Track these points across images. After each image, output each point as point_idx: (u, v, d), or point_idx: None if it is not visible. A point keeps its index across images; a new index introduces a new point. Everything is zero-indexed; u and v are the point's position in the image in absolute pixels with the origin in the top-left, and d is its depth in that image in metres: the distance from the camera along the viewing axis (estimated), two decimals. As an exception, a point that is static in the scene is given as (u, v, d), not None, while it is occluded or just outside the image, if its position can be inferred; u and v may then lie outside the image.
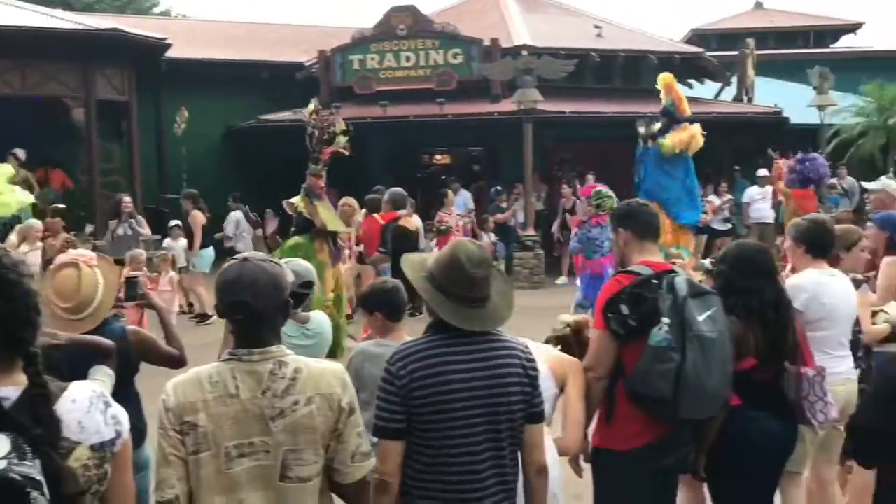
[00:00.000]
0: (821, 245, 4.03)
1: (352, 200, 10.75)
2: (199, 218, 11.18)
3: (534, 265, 13.56)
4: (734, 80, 18.95)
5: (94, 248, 8.85)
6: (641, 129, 9.52)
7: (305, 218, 6.94)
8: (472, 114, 15.31)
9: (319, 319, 3.92)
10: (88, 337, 3.11)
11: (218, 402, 2.20)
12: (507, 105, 14.59)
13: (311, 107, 7.66)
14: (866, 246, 4.64)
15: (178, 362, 3.53)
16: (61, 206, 11.48)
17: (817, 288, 3.88)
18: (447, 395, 2.54)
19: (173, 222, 11.48)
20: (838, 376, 3.71)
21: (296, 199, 7.08)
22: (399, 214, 10.12)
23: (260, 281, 2.25)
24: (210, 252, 11.16)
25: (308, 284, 3.77)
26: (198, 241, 11.05)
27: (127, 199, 11.46)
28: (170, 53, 15.70)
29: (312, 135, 7.43)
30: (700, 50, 19.70)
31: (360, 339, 5.57)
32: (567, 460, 3.49)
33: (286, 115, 16.03)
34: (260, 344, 2.26)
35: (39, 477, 1.57)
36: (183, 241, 11.18)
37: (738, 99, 18.72)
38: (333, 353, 4.44)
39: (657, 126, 9.48)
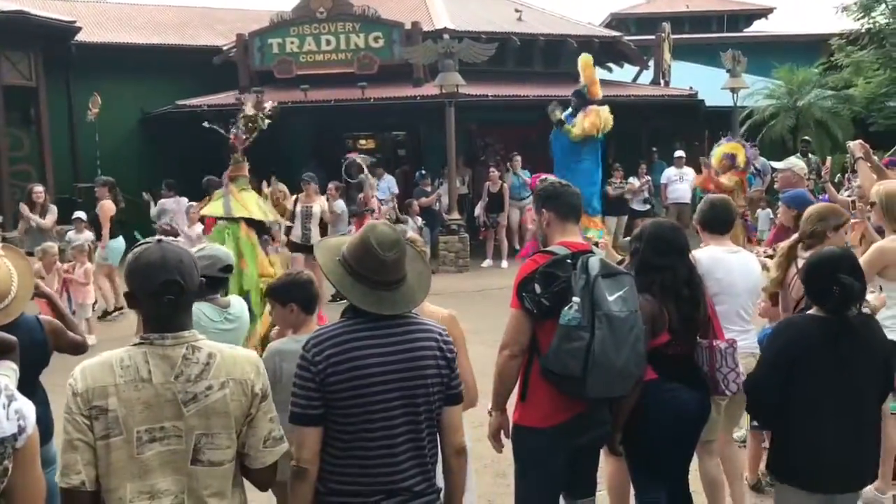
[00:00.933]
0: (717, 222, 4.22)
1: (282, 186, 10.64)
2: (107, 208, 10.61)
3: (459, 249, 13.65)
4: (651, 63, 19.36)
5: (4, 240, 8.54)
6: (554, 114, 9.70)
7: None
8: (394, 98, 15.25)
9: (239, 304, 3.88)
10: None
11: (129, 385, 2.18)
12: (430, 89, 14.59)
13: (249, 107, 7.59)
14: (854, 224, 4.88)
15: (82, 349, 3.55)
16: None
17: (711, 263, 4.02)
18: (364, 380, 2.53)
19: (76, 214, 10.88)
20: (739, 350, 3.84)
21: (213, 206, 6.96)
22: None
23: (184, 261, 2.28)
24: (120, 243, 10.49)
25: (228, 268, 3.73)
26: (106, 231, 10.49)
27: (38, 188, 11.01)
28: (80, 37, 15.20)
29: (242, 128, 7.32)
30: (618, 34, 20.03)
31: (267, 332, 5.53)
32: (486, 437, 3.54)
33: (204, 100, 15.70)
34: (175, 328, 2.26)
35: None
36: (88, 234, 10.52)
37: (655, 82, 19.12)
38: None
39: (565, 112, 9.67)
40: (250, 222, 6.88)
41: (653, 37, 19.67)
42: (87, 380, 2.18)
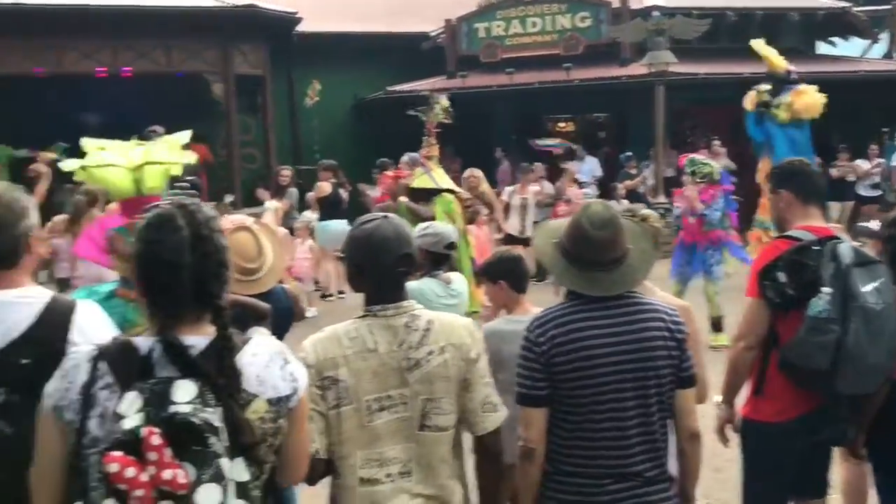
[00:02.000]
0: None
1: (477, 172, 10.68)
2: (320, 189, 10.89)
3: (665, 234, 13.21)
4: (883, 36, 17.68)
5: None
6: (762, 95, 8.98)
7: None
8: (600, 78, 14.96)
9: (460, 279, 3.98)
10: (247, 298, 3.25)
11: (357, 356, 2.27)
12: (637, 68, 14.18)
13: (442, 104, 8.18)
14: None
15: (301, 316, 3.81)
16: None
17: None
18: (588, 361, 2.50)
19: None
20: None
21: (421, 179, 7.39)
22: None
23: (412, 235, 2.42)
24: (333, 225, 10.51)
25: (452, 245, 3.82)
26: (314, 212, 10.84)
27: (285, 171, 11.68)
28: (301, 27, 16.10)
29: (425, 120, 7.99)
30: (847, 4, 18.46)
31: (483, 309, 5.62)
32: (709, 430, 3.40)
33: (413, 85, 16.22)
34: (396, 299, 2.33)
35: (219, 424, 1.62)
36: (312, 214, 10.97)
37: (888, 56, 17.46)
38: None
39: (767, 89, 8.94)
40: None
41: (888, 7, 17.94)
42: (317, 352, 2.28)
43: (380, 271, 2.34)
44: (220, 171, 15.64)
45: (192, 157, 6.07)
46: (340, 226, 10.58)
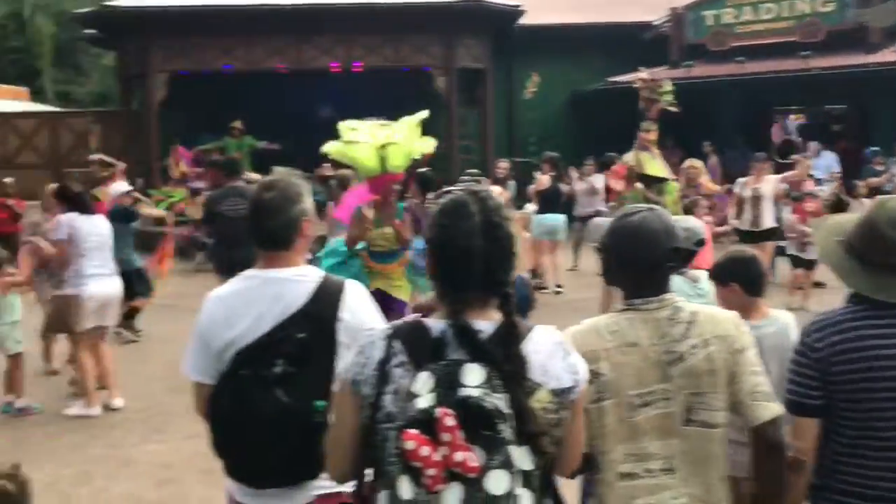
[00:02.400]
0: None
1: (697, 162, 10.17)
2: (539, 182, 10.83)
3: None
4: None
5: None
6: None
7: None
8: (842, 67, 13.83)
9: (705, 278, 3.79)
10: None
11: (618, 350, 2.21)
12: (888, 55, 12.96)
13: (641, 75, 8.06)
14: None
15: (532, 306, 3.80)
16: None
17: None
18: (872, 373, 2.29)
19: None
20: None
21: (628, 156, 7.26)
22: None
23: (678, 229, 2.33)
24: (549, 219, 10.51)
25: (701, 242, 3.65)
26: (533, 205, 10.79)
27: (503, 164, 11.91)
28: (522, 20, 16.19)
29: (640, 96, 7.83)
30: None
31: None
32: None
33: (632, 76, 15.82)
34: (658, 292, 2.25)
35: (507, 410, 1.62)
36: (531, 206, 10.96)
37: None
38: None
39: None
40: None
41: None
42: (577, 345, 2.18)
43: (647, 265, 2.26)
44: (440, 163, 16.11)
45: (432, 144, 6.35)
46: (557, 219, 10.65)
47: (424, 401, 1.60)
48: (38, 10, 32.15)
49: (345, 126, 6.10)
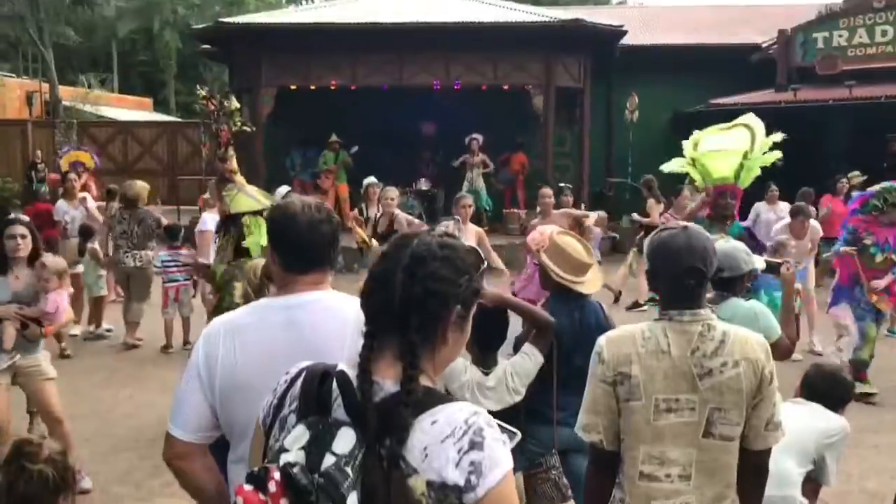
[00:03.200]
0: None
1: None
2: (652, 210, 10.81)
3: None
4: None
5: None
6: None
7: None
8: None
9: (737, 305, 3.70)
10: (529, 306, 3.34)
11: (650, 356, 2.32)
12: None
13: (200, 94, 6.89)
14: None
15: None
16: None
17: None
18: None
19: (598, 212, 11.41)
20: None
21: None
22: None
23: (708, 248, 2.38)
24: None
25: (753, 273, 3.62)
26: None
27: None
28: (623, 40, 16.09)
29: (209, 122, 6.80)
30: None
31: None
32: None
33: (737, 98, 15.47)
34: (693, 306, 2.35)
35: (346, 491, 1.36)
36: (598, 231, 10.61)
37: None
38: None
39: None
40: None
41: None
42: (611, 349, 2.37)
43: (669, 279, 2.39)
44: (535, 181, 16.18)
45: (776, 156, 6.23)
46: None
47: (291, 456, 1.40)
48: (166, 26, 34.08)
49: (697, 135, 6.28)
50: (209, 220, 7.58)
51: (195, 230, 8.48)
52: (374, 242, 7.63)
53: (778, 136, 6.08)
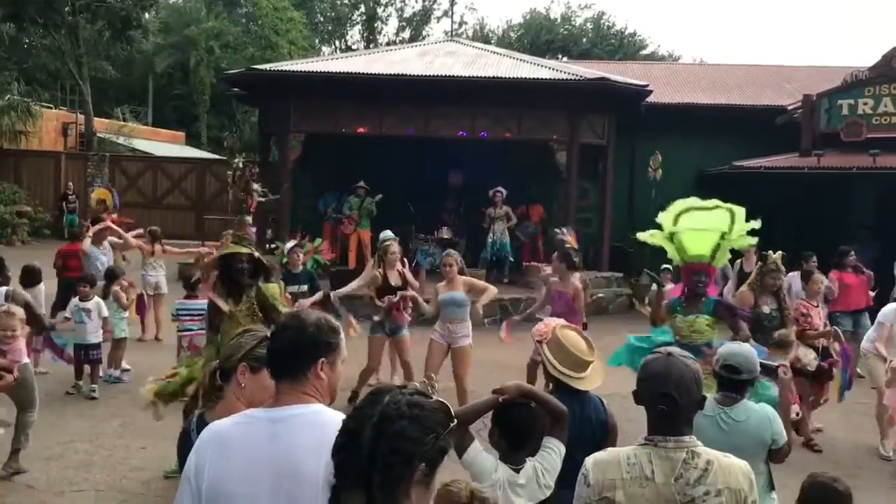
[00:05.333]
0: None
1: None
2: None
3: None
4: None
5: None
6: None
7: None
8: None
9: (744, 410, 3.72)
10: (545, 395, 3.37)
11: (634, 482, 2.35)
12: None
13: (236, 165, 7.08)
14: None
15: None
16: None
17: None
18: None
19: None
20: None
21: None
22: None
23: (685, 376, 2.40)
24: None
25: (730, 368, 3.68)
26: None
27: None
28: (649, 98, 16.24)
29: (238, 187, 7.07)
30: None
31: None
32: None
33: (761, 161, 15.52)
34: (675, 433, 2.38)
35: None
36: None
37: None
38: None
39: None
40: None
41: None
42: (597, 473, 2.41)
43: (646, 403, 2.45)
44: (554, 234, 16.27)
45: (752, 241, 6.36)
46: None
47: None
48: (201, 62, 34.81)
49: (678, 206, 6.41)
50: None
51: None
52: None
53: (757, 223, 6.13)
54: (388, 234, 9.19)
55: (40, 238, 21.26)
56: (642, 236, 6.62)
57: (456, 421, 1.71)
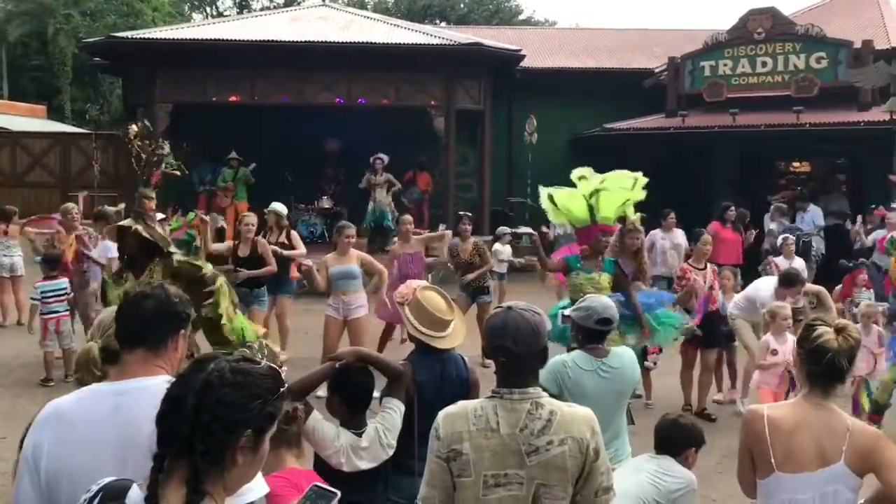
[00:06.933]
0: None
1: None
2: None
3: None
4: None
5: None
6: None
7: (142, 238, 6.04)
8: (833, 123, 13.97)
9: (620, 356, 3.87)
10: (380, 357, 3.39)
11: (480, 433, 2.41)
12: (877, 114, 13.09)
13: (132, 130, 7.13)
14: None
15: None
16: None
17: None
18: None
19: (503, 229, 11.78)
20: None
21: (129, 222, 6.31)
22: None
23: (521, 328, 2.46)
24: None
25: (605, 321, 3.77)
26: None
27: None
28: (523, 63, 16.46)
29: (138, 158, 7.10)
30: None
31: None
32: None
33: (630, 123, 16.03)
34: (520, 385, 2.44)
35: None
36: (507, 248, 11.33)
37: None
38: None
39: None
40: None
41: None
42: (446, 426, 2.46)
43: (489, 356, 2.51)
44: (440, 200, 16.38)
45: (641, 195, 6.56)
46: None
47: None
48: (60, 31, 32.81)
49: (577, 173, 6.65)
50: (113, 248, 7.44)
51: (106, 256, 8.52)
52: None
53: (643, 179, 6.47)
54: (275, 206, 9.04)
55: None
56: (548, 191, 6.78)
57: (287, 386, 1.68)
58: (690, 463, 3.75)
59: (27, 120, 28.86)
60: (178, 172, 7.64)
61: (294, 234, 9.04)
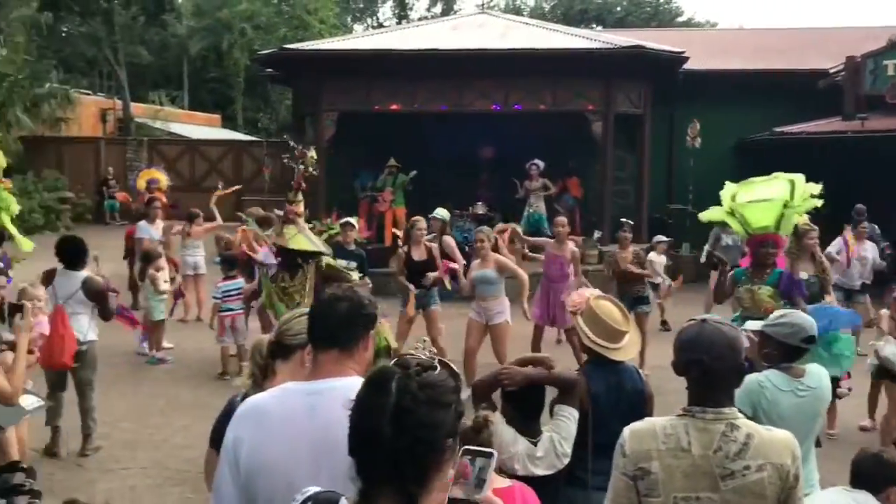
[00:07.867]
0: None
1: None
2: None
3: None
4: None
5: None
6: None
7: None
8: None
9: (817, 374, 3.57)
10: (541, 374, 3.32)
11: (669, 453, 2.31)
12: None
13: (310, 157, 7.31)
14: None
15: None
16: None
17: None
18: None
19: (659, 238, 11.38)
20: None
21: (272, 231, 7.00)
22: None
23: (716, 342, 2.33)
24: None
25: (810, 339, 3.48)
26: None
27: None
28: (687, 65, 15.90)
29: (295, 171, 7.24)
30: None
31: None
32: None
33: (803, 126, 15.13)
34: (713, 404, 2.32)
35: None
36: (662, 258, 10.90)
37: None
38: None
39: None
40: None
41: None
42: (633, 443, 2.36)
43: (681, 372, 2.40)
44: (593, 205, 16.11)
45: (808, 203, 6.32)
46: None
47: None
48: (234, 45, 34.94)
49: (732, 187, 6.42)
50: (269, 255, 7.84)
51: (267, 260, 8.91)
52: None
53: (817, 188, 5.98)
54: (440, 211, 9.28)
55: (82, 223, 21.63)
56: (705, 216, 6.59)
57: (471, 390, 1.67)
58: (892, 501, 3.45)
59: (205, 129, 31.01)
60: (315, 173, 7.98)
61: (449, 239, 9.17)
